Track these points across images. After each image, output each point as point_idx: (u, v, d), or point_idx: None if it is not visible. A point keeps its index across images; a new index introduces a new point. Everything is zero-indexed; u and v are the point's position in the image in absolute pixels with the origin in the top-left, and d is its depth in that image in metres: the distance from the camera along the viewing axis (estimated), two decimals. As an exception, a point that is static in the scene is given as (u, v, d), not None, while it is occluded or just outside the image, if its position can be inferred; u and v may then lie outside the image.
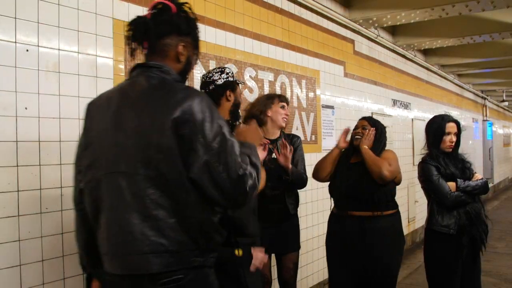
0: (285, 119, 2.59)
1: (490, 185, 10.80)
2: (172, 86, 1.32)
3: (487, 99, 10.93)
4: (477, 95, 10.25)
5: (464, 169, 2.70)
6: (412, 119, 6.10)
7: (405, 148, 5.83)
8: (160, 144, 1.23)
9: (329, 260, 2.68)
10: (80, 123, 2.02)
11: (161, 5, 1.38)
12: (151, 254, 1.24)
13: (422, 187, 2.80)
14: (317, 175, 2.72)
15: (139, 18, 1.39)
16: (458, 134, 2.71)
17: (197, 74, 2.65)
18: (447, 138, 2.66)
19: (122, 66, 2.24)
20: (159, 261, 1.24)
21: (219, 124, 1.26)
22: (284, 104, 2.60)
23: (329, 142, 3.96)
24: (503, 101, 10.69)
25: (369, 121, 2.67)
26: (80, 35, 2.06)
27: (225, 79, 2.17)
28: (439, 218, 2.60)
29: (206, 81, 2.10)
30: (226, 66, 2.80)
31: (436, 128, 2.70)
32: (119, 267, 1.30)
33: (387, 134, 5.10)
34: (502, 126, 13.65)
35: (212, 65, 2.76)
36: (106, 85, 2.16)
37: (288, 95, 3.47)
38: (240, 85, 2.25)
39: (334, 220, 2.68)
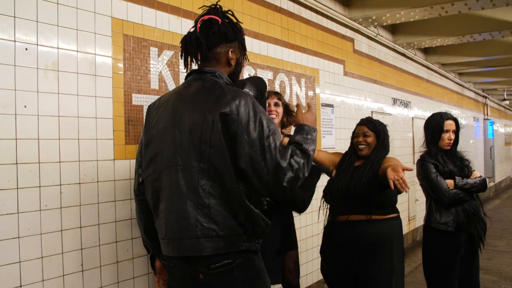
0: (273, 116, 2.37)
1: (491, 184, 10.79)
2: (223, 88, 1.47)
3: (488, 98, 10.91)
4: (478, 94, 10.23)
5: (462, 166, 2.71)
6: (412, 118, 6.09)
7: (405, 147, 5.83)
8: (211, 139, 1.40)
9: (326, 269, 2.47)
10: (79, 121, 2.06)
11: (208, 18, 1.56)
12: (203, 238, 1.41)
13: (420, 184, 2.80)
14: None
15: (190, 34, 1.58)
16: (456, 132, 2.72)
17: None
18: (446, 136, 2.67)
19: (121, 65, 2.25)
20: (211, 245, 1.41)
21: (262, 123, 1.41)
22: (270, 101, 2.37)
23: (329, 140, 3.97)
24: (504, 99, 10.67)
25: (369, 126, 2.45)
26: (79, 33, 2.07)
27: None
28: (437, 215, 2.61)
29: None
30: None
31: (434, 125, 2.71)
32: (174, 250, 1.47)
33: (388, 133, 5.09)
34: (503, 125, 13.62)
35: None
36: (105, 84, 2.17)
37: (287, 93, 3.48)
38: None
39: (328, 227, 2.49)
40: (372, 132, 2.44)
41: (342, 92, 4.27)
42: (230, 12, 1.62)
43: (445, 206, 2.59)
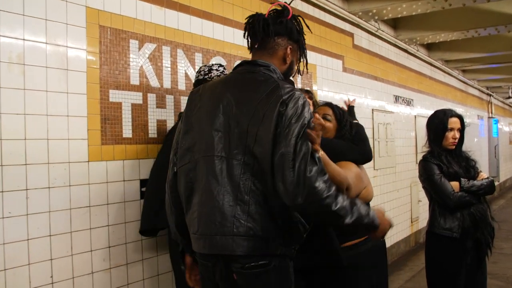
0: None
1: (496, 183, 10.55)
2: (278, 83, 1.39)
3: (493, 96, 10.68)
4: (482, 91, 10.01)
5: (468, 167, 2.51)
6: (415, 116, 5.89)
7: (408, 146, 5.63)
8: (257, 134, 1.33)
9: None
10: (48, 120, 1.88)
11: (280, 7, 1.52)
12: (239, 236, 1.33)
13: (423, 186, 2.61)
14: None
15: (258, 15, 1.51)
16: (461, 130, 2.52)
17: (181, 68, 2.48)
18: (450, 135, 2.47)
19: (96, 58, 2.07)
20: (247, 244, 1.33)
21: (304, 124, 1.31)
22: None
23: (327, 140, 3.78)
24: (509, 97, 10.43)
25: (334, 109, 2.00)
26: (49, 24, 1.89)
27: (196, 78, 2.17)
28: (441, 220, 2.42)
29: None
30: (213, 60, 2.65)
31: (437, 123, 2.52)
32: (206, 246, 1.39)
33: (390, 131, 4.90)
34: (508, 124, 13.39)
35: (198, 58, 2.58)
36: (78, 79, 1.99)
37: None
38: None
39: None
40: (335, 117, 1.97)
41: (341, 89, 4.08)
42: (301, 18, 1.58)
43: (450, 210, 2.40)
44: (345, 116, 1.95)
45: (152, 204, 2.07)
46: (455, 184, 2.40)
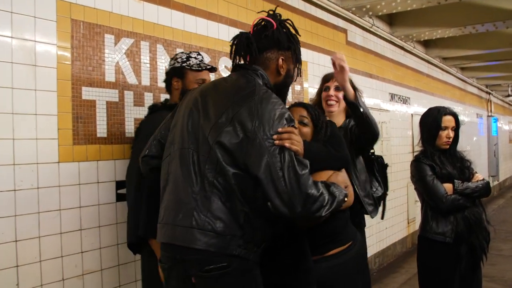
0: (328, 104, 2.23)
1: (496, 182, 10.45)
2: (255, 88, 1.40)
3: (492, 94, 10.56)
4: (481, 89, 9.88)
5: (463, 168, 2.40)
6: (412, 115, 5.78)
7: (404, 145, 5.52)
8: (222, 135, 1.33)
9: None
10: (14, 118, 1.77)
11: (264, 22, 1.52)
12: (197, 229, 1.32)
13: (415, 188, 2.50)
14: None
15: (241, 34, 1.52)
16: (456, 129, 2.40)
17: (161, 65, 2.37)
18: (444, 134, 2.36)
19: (67, 54, 1.96)
20: (202, 239, 1.31)
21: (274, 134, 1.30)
22: (331, 84, 2.30)
23: (318, 139, 3.67)
24: (509, 95, 10.31)
25: (309, 111, 1.81)
26: (15, 17, 1.79)
27: (171, 66, 2.01)
28: (433, 224, 2.30)
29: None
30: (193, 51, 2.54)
31: (431, 122, 2.40)
32: (166, 235, 1.40)
33: (385, 130, 4.77)
34: (508, 122, 13.26)
35: (180, 53, 2.47)
36: (48, 75, 1.89)
37: (270, 88, 3.18)
38: (204, 71, 2.01)
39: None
40: (311, 119, 1.78)
41: (333, 86, 3.96)
42: (289, 22, 1.55)
43: (442, 214, 2.29)
44: (321, 117, 1.80)
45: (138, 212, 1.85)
46: (448, 186, 2.29)
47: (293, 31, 1.54)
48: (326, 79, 2.27)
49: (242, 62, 1.52)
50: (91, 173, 2.03)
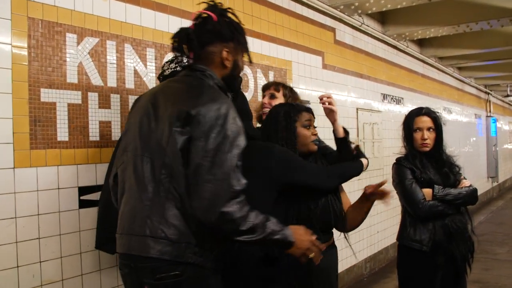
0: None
1: (495, 183, 10.31)
2: (204, 89, 1.39)
3: (491, 94, 10.41)
4: (480, 89, 9.74)
5: (448, 173, 2.28)
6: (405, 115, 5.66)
7: (397, 147, 5.38)
8: (170, 137, 1.32)
9: None
10: (-37, 122, 1.68)
11: (204, 15, 1.48)
12: (151, 237, 1.30)
13: (396, 192, 2.39)
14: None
15: (182, 30, 1.48)
16: (437, 130, 2.29)
17: (129, 65, 2.27)
18: (418, 135, 2.25)
19: (24, 53, 1.86)
20: (156, 247, 1.29)
21: (226, 136, 1.28)
22: (266, 93, 2.23)
23: (304, 141, 3.57)
24: (508, 95, 10.16)
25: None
26: (-36, 15, 1.70)
27: (164, 73, 1.96)
28: (411, 230, 2.20)
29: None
30: (168, 56, 2.45)
31: (406, 123, 2.30)
32: (122, 246, 1.39)
33: (377, 131, 4.64)
34: (507, 122, 13.10)
35: (150, 53, 2.38)
36: (2, 76, 1.79)
37: (251, 88, 3.08)
38: None
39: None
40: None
41: (320, 86, 3.86)
42: (230, 11, 1.52)
43: (420, 220, 2.18)
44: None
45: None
46: (427, 192, 2.18)
47: (236, 20, 1.51)
48: (263, 89, 2.31)
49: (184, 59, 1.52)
50: (50, 179, 1.94)
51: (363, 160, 1.98)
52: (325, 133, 3.79)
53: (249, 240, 1.30)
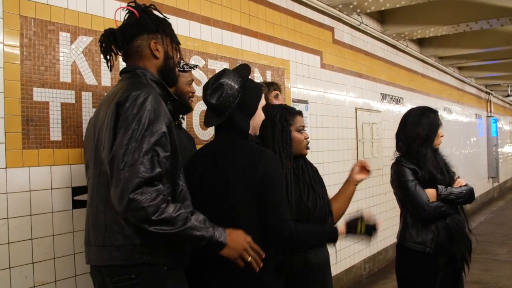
0: None
1: (496, 184, 10.28)
2: (127, 83, 1.41)
3: (492, 94, 10.38)
4: (480, 89, 9.71)
5: (443, 171, 2.26)
6: (405, 115, 5.64)
7: (397, 147, 5.37)
8: (103, 138, 1.34)
9: None
10: (-47, 122, 1.66)
11: (126, 14, 1.52)
12: (102, 246, 1.36)
13: (394, 193, 2.37)
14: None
15: (106, 31, 1.51)
16: None
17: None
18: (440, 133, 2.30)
19: (16, 52, 1.84)
20: (106, 254, 1.35)
21: (140, 123, 1.27)
22: (271, 94, 2.22)
23: (302, 141, 3.54)
24: (508, 95, 10.12)
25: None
26: (-45, 13, 1.68)
27: None
28: (413, 232, 2.17)
29: None
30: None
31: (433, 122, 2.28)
32: (86, 257, 1.46)
33: (376, 131, 4.62)
34: (508, 122, 13.06)
35: (146, 52, 2.36)
36: (-6, 75, 1.77)
37: (248, 88, 3.06)
38: (187, 72, 2.02)
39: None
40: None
41: (318, 86, 3.84)
42: (152, 6, 1.54)
43: (424, 222, 2.15)
44: None
45: None
46: (431, 192, 2.16)
47: (160, 15, 1.54)
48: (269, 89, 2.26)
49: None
50: (43, 179, 1.91)
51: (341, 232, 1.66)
52: (323, 133, 3.78)
53: (163, 232, 1.24)
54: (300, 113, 1.92)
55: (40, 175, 1.91)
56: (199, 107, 2.67)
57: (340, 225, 1.67)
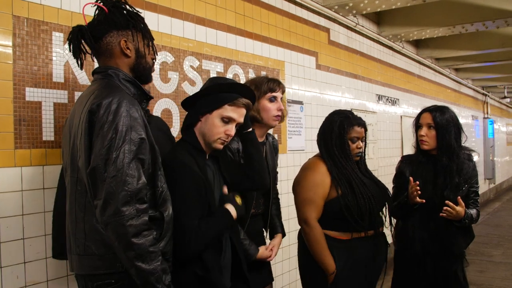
0: (278, 117, 2.04)
1: (492, 185, 10.31)
2: (99, 86, 1.36)
3: (488, 96, 10.41)
4: (477, 91, 9.74)
5: (446, 185, 2.32)
6: (401, 116, 5.66)
7: (393, 148, 5.39)
8: (80, 148, 1.31)
9: None
10: None
11: (95, 9, 1.47)
12: (82, 255, 1.34)
13: None
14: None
15: (74, 28, 1.45)
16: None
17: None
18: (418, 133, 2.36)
19: (9, 52, 1.84)
20: (87, 263, 1.33)
21: (117, 131, 1.24)
22: (275, 94, 2.04)
23: (297, 142, 3.55)
24: (505, 97, 10.16)
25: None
26: None
27: None
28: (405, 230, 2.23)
29: None
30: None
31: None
32: (69, 265, 1.44)
33: (371, 132, 4.63)
34: (505, 124, 13.10)
35: (139, 52, 2.36)
36: (-15, 75, 1.77)
37: (243, 88, 3.06)
38: None
39: (355, 245, 2.00)
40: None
41: (314, 87, 3.85)
42: (123, 1, 1.49)
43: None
44: None
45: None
46: None
47: (132, 10, 1.49)
48: (272, 87, 2.06)
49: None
50: (35, 178, 1.91)
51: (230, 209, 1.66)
52: (312, 134, 3.79)
53: (128, 257, 1.22)
54: (359, 124, 2.08)
55: (32, 175, 1.90)
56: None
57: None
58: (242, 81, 3.07)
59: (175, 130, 2.55)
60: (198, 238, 1.47)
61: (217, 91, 1.65)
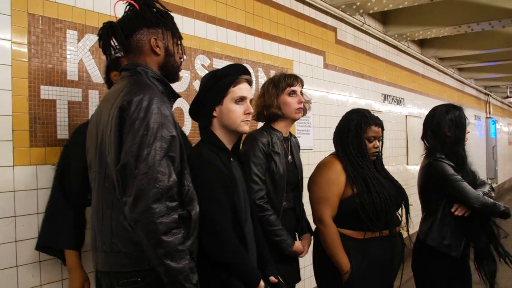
0: (300, 109, 2.08)
1: (494, 185, 10.31)
2: (129, 83, 1.35)
3: (491, 95, 10.42)
4: (480, 91, 9.74)
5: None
6: (406, 116, 5.65)
7: (398, 147, 5.39)
8: (108, 141, 1.30)
9: None
10: (-39, 119, 1.65)
11: (126, 6, 1.46)
12: (110, 253, 1.32)
13: (421, 192, 2.38)
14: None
15: (104, 24, 1.45)
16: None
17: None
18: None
19: (24, 50, 1.84)
20: (114, 261, 1.32)
21: (148, 128, 1.24)
22: (294, 88, 2.05)
23: (305, 141, 3.54)
24: (507, 97, 10.16)
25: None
26: (-37, 10, 1.67)
27: None
28: (445, 233, 2.24)
29: None
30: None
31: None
32: (94, 263, 1.43)
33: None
34: (507, 124, 13.11)
35: (152, 51, 2.35)
36: (2, 73, 1.77)
37: (252, 87, 3.05)
38: None
39: (371, 244, 1.98)
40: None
41: (321, 86, 3.84)
42: (151, 0, 1.48)
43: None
44: None
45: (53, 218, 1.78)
46: None
47: (162, 8, 1.48)
48: (290, 82, 2.07)
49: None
50: (50, 177, 1.90)
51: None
52: (325, 133, 3.78)
53: (156, 255, 1.21)
54: (377, 123, 2.07)
55: (47, 173, 1.90)
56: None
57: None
58: (253, 80, 3.07)
59: (187, 129, 2.55)
60: (231, 247, 1.49)
61: (216, 81, 1.64)
